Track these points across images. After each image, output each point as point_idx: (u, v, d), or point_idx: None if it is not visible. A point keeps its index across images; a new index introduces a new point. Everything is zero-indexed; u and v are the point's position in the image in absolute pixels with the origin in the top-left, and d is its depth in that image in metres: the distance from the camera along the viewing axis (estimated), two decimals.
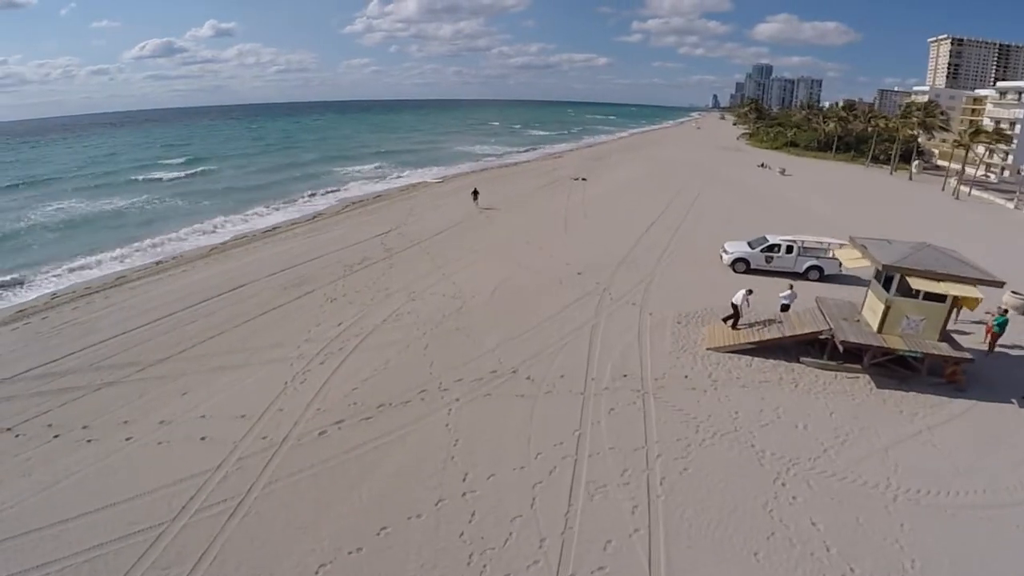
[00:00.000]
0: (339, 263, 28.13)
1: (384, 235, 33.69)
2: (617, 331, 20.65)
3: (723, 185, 55.43)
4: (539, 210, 41.75)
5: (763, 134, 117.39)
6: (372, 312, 22.06)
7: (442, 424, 14.97)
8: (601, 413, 15.61)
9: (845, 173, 73.31)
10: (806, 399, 17.01)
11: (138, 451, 14.05)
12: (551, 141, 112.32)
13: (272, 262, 28.60)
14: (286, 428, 14.81)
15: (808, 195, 51.71)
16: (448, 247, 31.27)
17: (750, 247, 27.87)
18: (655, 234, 34.78)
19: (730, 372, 18.25)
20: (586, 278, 26.17)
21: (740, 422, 15.55)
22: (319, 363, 18.08)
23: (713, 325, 21.20)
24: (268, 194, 49.17)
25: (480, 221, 37.83)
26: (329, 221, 38.70)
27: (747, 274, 27.44)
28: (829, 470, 13.78)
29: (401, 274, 26.56)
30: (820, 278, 27.23)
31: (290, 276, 26.33)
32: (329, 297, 23.69)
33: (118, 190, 54.17)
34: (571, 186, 52.02)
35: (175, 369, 18.05)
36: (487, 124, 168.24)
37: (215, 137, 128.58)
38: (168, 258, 31.20)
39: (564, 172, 61.81)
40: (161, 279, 27.04)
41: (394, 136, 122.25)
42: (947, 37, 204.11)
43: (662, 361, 18.61)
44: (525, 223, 37.12)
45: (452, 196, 47.06)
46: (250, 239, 34.24)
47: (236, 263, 28.92)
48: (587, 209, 41.99)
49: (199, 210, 43.45)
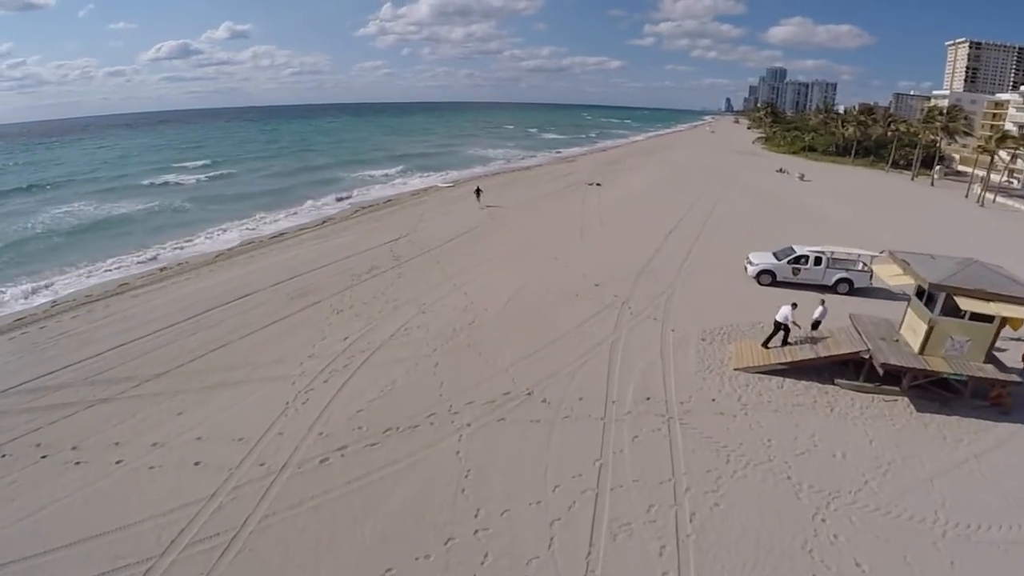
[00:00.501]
0: (347, 272, 27.19)
1: (394, 242, 32.73)
2: (638, 349, 19.50)
3: (741, 191, 54.06)
4: (553, 216, 40.61)
5: (779, 138, 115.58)
6: (379, 326, 21.07)
7: (452, 452, 13.93)
8: (624, 440, 14.51)
9: (865, 178, 71.69)
10: (843, 424, 15.85)
11: (128, 476, 13.19)
12: (565, 145, 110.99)
13: (278, 270, 27.73)
14: (286, 454, 13.85)
15: (829, 201, 50.27)
16: (459, 255, 30.26)
17: (776, 258, 26.60)
18: (674, 243, 33.57)
19: (760, 395, 17.08)
20: (604, 290, 25.03)
21: (774, 451, 14.42)
22: (323, 381, 17.11)
23: (740, 343, 20.02)
24: (278, 199, 48.29)
25: (492, 227, 36.82)
26: (338, 227, 37.84)
27: (772, 287, 26.19)
28: (872, 504, 12.70)
29: (410, 284, 25.57)
30: (849, 291, 25.93)
31: (296, 285, 25.42)
32: (335, 308, 22.74)
33: (127, 194, 53.68)
34: (586, 191, 50.84)
35: (172, 385, 17.17)
36: (501, 127, 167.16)
37: (229, 140, 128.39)
38: (173, 264, 30.44)
39: (578, 177, 60.65)
40: (164, 287, 26.24)
41: (407, 139, 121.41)
42: (965, 40, 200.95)
43: (687, 382, 17.46)
44: (539, 230, 36.05)
45: (463, 201, 46.09)
46: (257, 245, 33.42)
47: (241, 271, 28.08)
48: (603, 215, 40.82)
49: (207, 215, 42.77)
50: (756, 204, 47.15)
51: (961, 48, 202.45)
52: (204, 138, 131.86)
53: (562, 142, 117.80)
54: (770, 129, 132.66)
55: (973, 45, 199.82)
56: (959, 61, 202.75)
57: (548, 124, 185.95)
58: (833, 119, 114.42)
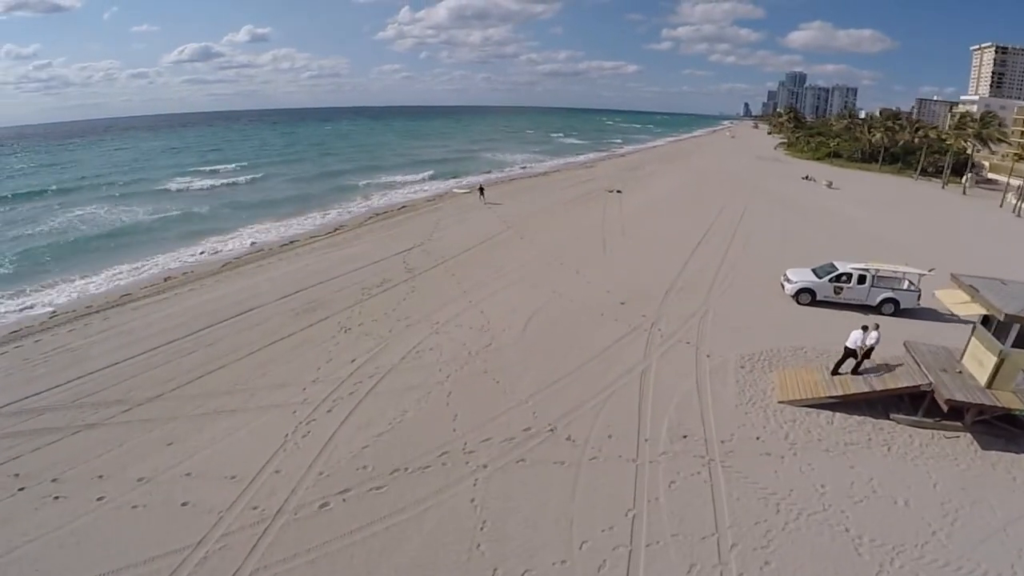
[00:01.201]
0: (357, 285, 25.79)
1: (407, 252, 31.31)
2: (671, 377, 17.83)
3: (768, 199, 51.98)
4: (574, 226, 38.88)
5: (803, 144, 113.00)
6: (390, 347, 19.61)
7: (467, 499, 12.41)
8: (659, 487, 12.91)
9: (894, 187, 69.23)
10: (903, 466, 14.19)
11: (109, 515, 11.93)
12: (584, 150, 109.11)
13: (285, 282, 26.42)
14: (282, 496, 12.45)
15: (860, 211, 48.12)
16: (476, 267, 28.73)
17: (816, 276, 24.75)
18: (703, 256, 31.72)
19: (809, 432, 15.38)
20: (631, 309, 23.35)
21: (829, 498, 12.79)
22: (326, 411, 15.69)
23: (783, 371, 18.30)
24: (292, 205, 47.06)
25: (511, 237, 35.25)
26: (351, 235, 36.48)
27: (812, 306, 24.36)
28: (941, 558, 11.18)
29: (424, 300, 24.08)
30: (895, 312, 24.06)
31: (303, 300, 24.07)
32: (343, 326, 21.34)
33: (140, 198, 52.81)
34: (606, 199, 49.07)
35: (165, 411, 15.88)
36: (519, 132, 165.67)
37: (247, 143, 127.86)
38: (178, 273, 29.31)
39: (598, 183, 58.95)
40: (167, 299, 25.06)
41: (425, 144, 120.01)
42: (991, 45, 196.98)
43: (728, 417, 15.78)
44: (559, 241, 34.37)
45: (480, 208, 44.61)
46: (266, 254, 32.18)
47: (247, 282, 26.82)
48: (625, 225, 39.07)
49: (218, 222, 41.67)
50: (785, 213, 45.14)
51: (987, 53, 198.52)
52: (223, 142, 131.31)
53: (581, 147, 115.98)
54: (793, 134, 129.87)
55: (999, 50, 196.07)
56: (984, 66, 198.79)
57: (566, 129, 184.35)
58: (857, 124, 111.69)
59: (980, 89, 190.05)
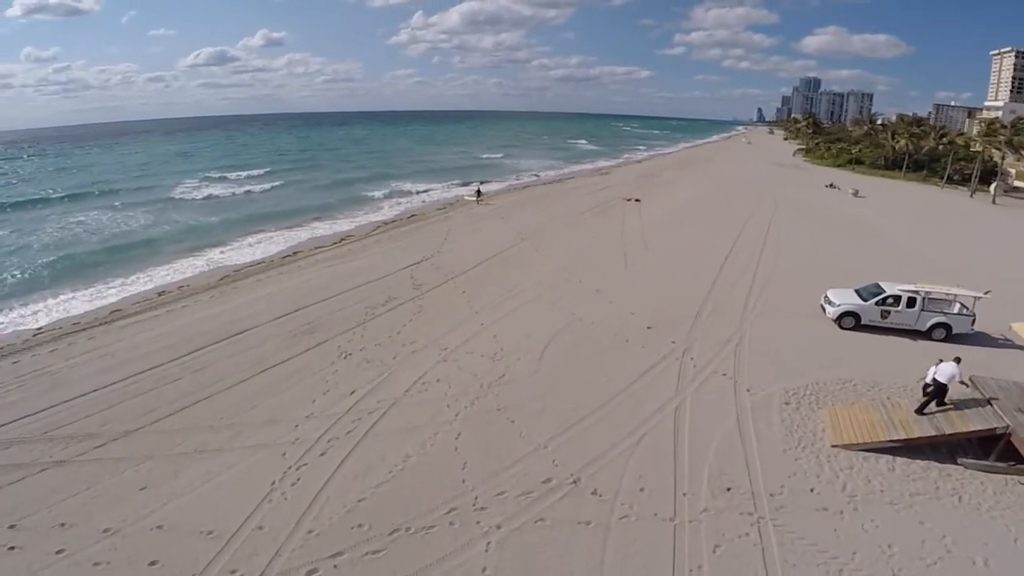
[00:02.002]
0: (361, 303, 24.05)
1: (415, 266, 29.49)
2: (709, 416, 15.91)
3: (794, 209, 49.64)
4: (592, 237, 36.87)
5: (823, 150, 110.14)
6: (393, 377, 17.85)
7: (478, 569, 10.64)
8: (702, 552, 11.09)
9: (922, 195, 66.56)
10: (977, 519, 12.38)
11: (66, 572, 10.47)
12: (598, 156, 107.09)
13: (284, 299, 24.74)
14: (264, 559, 10.80)
15: (892, 222, 45.66)
16: (488, 284, 26.82)
17: (861, 298, 22.67)
18: (732, 272, 29.52)
19: (869, 481, 13.49)
20: (658, 334, 21.36)
21: (898, 561, 11.06)
22: (319, 454, 13.97)
23: (834, 408, 16.34)
24: (299, 214, 45.08)
25: (525, 250, 33.31)
26: (356, 246, 34.74)
27: (855, 330, 22.31)
28: None
29: (431, 321, 22.28)
30: (946, 338, 21.98)
31: (301, 320, 22.37)
32: (344, 351, 19.60)
33: (145, 206, 50.91)
34: (625, 208, 46.94)
35: (141, 448, 14.29)
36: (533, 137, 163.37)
37: (261, 148, 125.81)
38: (173, 287, 27.77)
39: (615, 191, 56.87)
40: (157, 316, 23.50)
41: (439, 149, 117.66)
42: (1011, 50, 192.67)
43: (776, 465, 13.87)
44: (577, 254, 32.34)
45: (494, 217, 42.76)
46: (266, 266, 30.54)
47: (244, 298, 25.18)
48: (647, 237, 36.94)
49: (222, 230, 39.95)
50: (814, 225, 42.83)
51: (1007, 58, 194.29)
52: (238, 147, 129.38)
53: (595, 153, 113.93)
54: (811, 140, 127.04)
55: (1020, 55, 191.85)
56: (1004, 71, 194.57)
57: (580, 134, 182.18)
58: (878, 130, 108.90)
59: (1000, 94, 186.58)
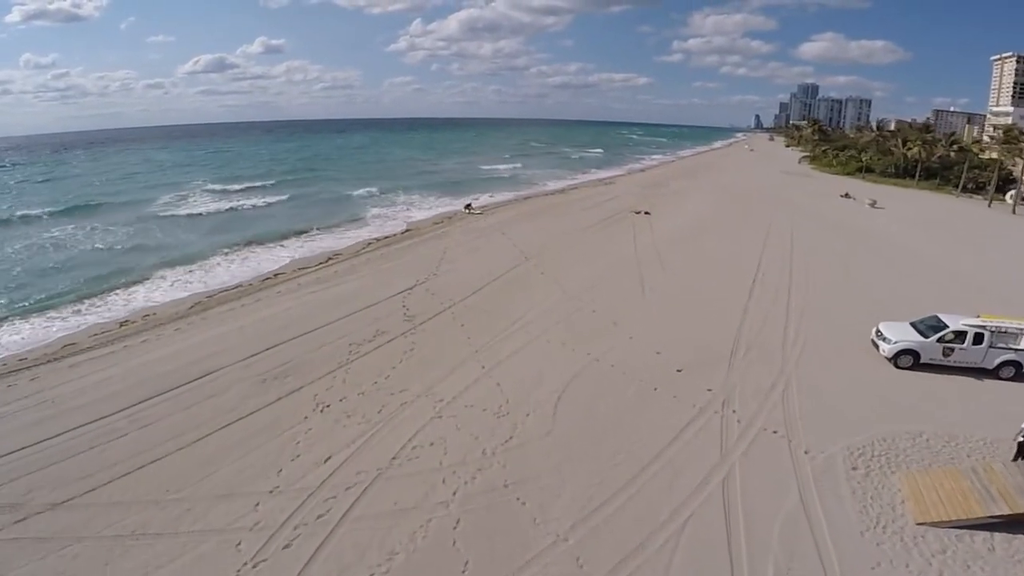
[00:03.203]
0: (344, 338, 20.89)
1: (408, 292, 26.20)
2: (765, 490, 12.84)
3: (813, 221, 46.50)
4: (603, 257, 33.49)
5: (830, 158, 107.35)
6: (378, 438, 14.75)
7: None
8: None
9: (939, 205, 63.69)
10: None
11: None
12: (600, 164, 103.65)
13: (256, 333, 21.57)
14: None
15: (916, 236, 42.52)
16: (489, 315, 23.59)
17: (920, 334, 19.61)
18: (763, 299, 26.24)
19: (968, 567, 10.67)
20: (691, 379, 18.14)
21: None
22: (282, 546, 11.01)
23: (912, 475, 13.34)
24: (283, 229, 41.63)
25: (529, 272, 29.97)
26: (343, 267, 31.40)
27: (912, 369, 19.30)
28: None
29: (425, 362, 19.12)
30: (1015, 376, 19.02)
31: (274, 360, 19.23)
32: (320, 402, 16.53)
33: (126, 220, 46.94)
34: (635, 223, 43.61)
35: (69, 526, 11.55)
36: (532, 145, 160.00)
37: (257, 157, 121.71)
38: (138, 315, 24.72)
39: (622, 203, 53.69)
40: (113, 353, 20.46)
41: (436, 158, 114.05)
42: (1012, 55, 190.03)
43: (855, 551, 10.95)
44: (587, 277, 28.97)
45: (494, 233, 39.53)
46: (242, 292, 27.28)
47: (213, 331, 22.04)
48: (662, 256, 33.57)
49: (202, 249, 36.44)
50: (838, 240, 39.67)
51: (1008, 63, 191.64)
52: (234, 157, 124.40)
53: (598, 161, 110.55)
54: (817, 148, 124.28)
55: (1021, 59, 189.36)
56: (1006, 76, 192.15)
57: (580, 142, 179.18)
58: (886, 137, 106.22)
59: (1001, 100, 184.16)
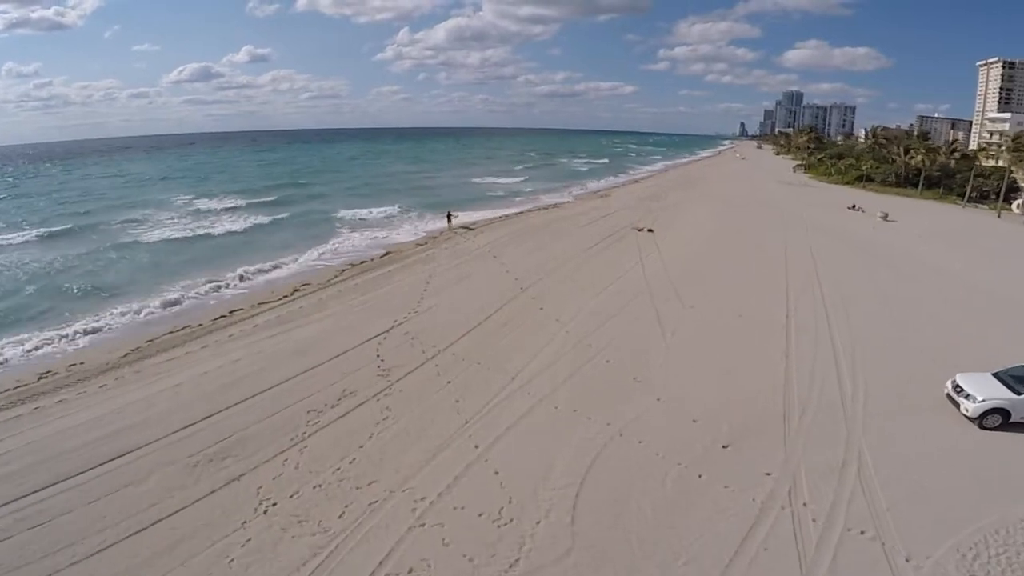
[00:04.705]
0: (301, 402, 16.79)
1: (385, 335, 22.02)
2: None
3: (829, 238, 42.62)
4: (609, 286, 28.89)
5: (827, 166, 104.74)
6: (337, 558, 10.80)
7: None
8: None
9: (950, 217, 60.65)
10: None
11: None
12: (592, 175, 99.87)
13: (196, 394, 17.45)
14: None
15: (946, 254, 38.62)
16: (481, 368, 19.38)
17: (1009, 388, 16.02)
18: (803, 339, 22.07)
19: None
20: (741, 458, 14.17)
21: None
22: None
23: None
24: (252, 255, 37.01)
25: (525, 307, 25.66)
26: (310, 302, 26.97)
27: (1001, 430, 15.73)
28: None
29: (402, 438, 15.05)
30: None
31: (212, 433, 15.17)
32: (264, 499, 12.53)
33: (82, 243, 42.07)
34: (638, 241, 39.72)
35: None
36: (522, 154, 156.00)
37: (239, 169, 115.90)
38: (63, 365, 20.67)
39: (619, 218, 49.86)
40: (19, 417, 16.47)
41: (423, 169, 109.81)
42: (998, 60, 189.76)
43: None
44: (595, 314, 24.65)
45: (484, 257, 35.53)
46: (189, 334, 23.04)
47: (144, 391, 17.85)
48: (677, 286, 28.90)
49: (158, 276, 32.18)
50: (863, 261, 35.81)
51: (994, 68, 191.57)
52: (214, 170, 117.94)
53: (590, 173, 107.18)
54: (813, 156, 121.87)
55: (1007, 65, 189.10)
56: (992, 82, 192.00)
57: (570, 151, 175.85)
58: (882, 145, 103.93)
59: (988, 105, 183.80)
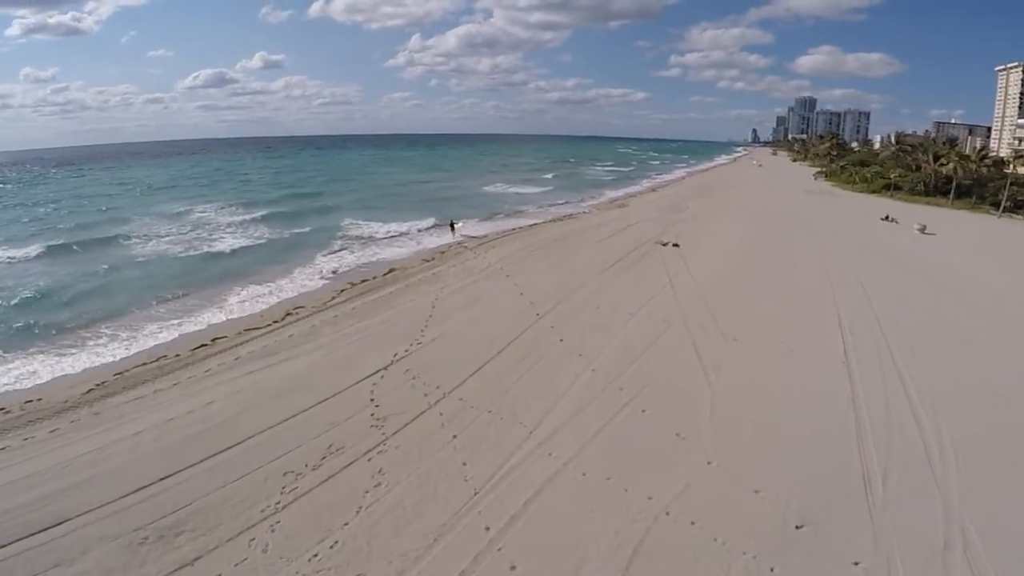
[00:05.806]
0: (279, 459, 14.08)
1: (382, 373, 19.14)
2: None
3: (870, 255, 39.07)
4: (637, 313, 25.53)
5: (851, 174, 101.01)
6: None
7: None
8: None
9: (988, 229, 56.90)
10: None
11: None
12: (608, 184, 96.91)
13: (156, 447, 14.73)
14: None
15: (1003, 275, 34.69)
16: (493, 418, 16.37)
17: None
18: (868, 380, 18.78)
19: None
20: (820, 540, 11.17)
21: None
22: None
23: None
24: (251, 271, 34.49)
25: (543, 338, 22.40)
26: (302, 328, 24.04)
27: None
28: None
29: (397, 515, 12.24)
30: None
31: (168, 501, 12.42)
32: None
33: (70, 257, 39.53)
34: (664, 258, 36.32)
35: None
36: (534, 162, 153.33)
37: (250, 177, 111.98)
38: (18, 402, 18.17)
39: (640, 230, 46.65)
40: None
41: (443, 179, 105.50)
42: (1017, 65, 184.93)
43: None
44: (624, 348, 21.32)
45: (496, 276, 32.44)
46: (162, 367, 20.30)
47: (99, 439, 15.14)
48: (715, 312, 25.33)
49: (146, 296, 29.45)
50: (912, 281, 32.37)
51: (1013, 73, 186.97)
52: (227, 175, 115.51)
53: (606, 181, 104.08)
54: (835, 163, 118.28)
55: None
56: (1012, 87, 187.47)
57: (583, 158, 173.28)
58: (906, 151, 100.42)
59: (1008, 111, 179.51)
